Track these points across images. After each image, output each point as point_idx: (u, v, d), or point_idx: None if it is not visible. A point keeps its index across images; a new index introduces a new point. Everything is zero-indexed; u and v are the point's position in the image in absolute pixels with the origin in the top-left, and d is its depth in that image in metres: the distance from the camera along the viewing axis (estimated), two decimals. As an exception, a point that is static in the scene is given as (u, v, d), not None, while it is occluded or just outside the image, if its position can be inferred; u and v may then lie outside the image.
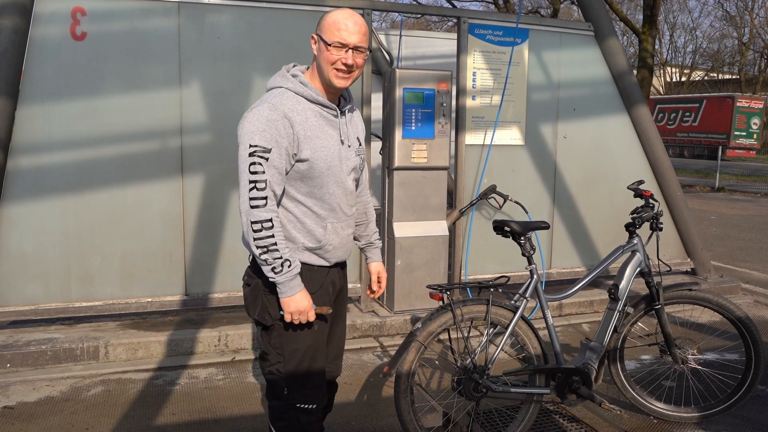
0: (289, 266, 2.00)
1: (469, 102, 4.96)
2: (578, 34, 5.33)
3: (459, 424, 3.09)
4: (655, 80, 36.81)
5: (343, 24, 2.00)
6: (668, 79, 43.58)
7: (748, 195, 15.57)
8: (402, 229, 4.62)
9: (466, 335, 2.76)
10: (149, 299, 4.31)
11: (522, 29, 5.10)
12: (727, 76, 43.33)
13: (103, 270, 4.21)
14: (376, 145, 5.17)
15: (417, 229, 4.66)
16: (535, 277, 2.90)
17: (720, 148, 17.33)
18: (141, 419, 3.24)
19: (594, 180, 5.54)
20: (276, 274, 2.00)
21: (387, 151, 4.67)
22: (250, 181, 1.94)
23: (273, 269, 1.99)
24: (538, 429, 3.16)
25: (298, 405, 2.16)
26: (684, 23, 62.27)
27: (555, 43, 5.25)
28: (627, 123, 5.55)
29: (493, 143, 5.07)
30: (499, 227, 2.89)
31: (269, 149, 1.95)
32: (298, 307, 2.03)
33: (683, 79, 43.73)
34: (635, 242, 3.14)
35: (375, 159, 4.90)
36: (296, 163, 2.03)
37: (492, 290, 2.81)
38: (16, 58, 3.90)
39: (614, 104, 5.50)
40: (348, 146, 2.15)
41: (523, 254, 2.90)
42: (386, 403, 3.48)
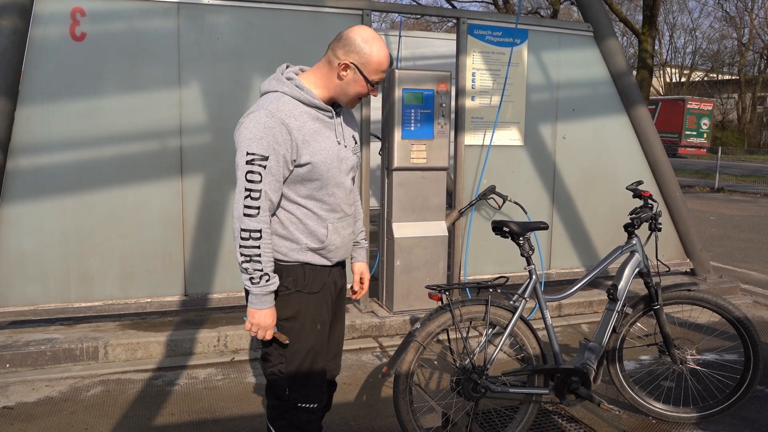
0: (267, 281, 2.00)
1: (469, 102, 4.96)
2: (577, 35, 5.34)
3: (458, 425, 3.09)
4: (655, 81, 36.80)
5: (385, 63, 2.05)
6: (668, 80, 43.60)
7: (748, 195, 15.57)
8: (401, 230, 4.62)
9: (465, 335, 2.76)
10: (148, 299, 4.32)
11: (521, 30, 5.10)
12: (727, 77, 43.36)
13: (103, 270, 4.21)
14: (376, 146, 5.18)
15: (416, 230, 4.66)
16: (534, 278, 2.91)
17: (719, 149, 17.65)
18: (140, 419, 3.24)
19: (593, 180, 5.55)
20: (252, 285, 2.00)
21: (386, 152, 4.68)
22: (246, 189, 1.95)
23: (251, 279, 1.99)
24: (537, 429, 3.16)
25: (300, 405, 2.16)
26: (684, 24, 62.37)
27: (554, 44, 5.25)
28: (626, 123, 5.56)
29: (493, 144, 5.07)
30: (498, 228, 2.90)
31: (267, 157, 1.95)
32: (261, 322, 2.04)
33: (683, 80, 43.75)
34: (634, 243, 3.15)
35: (374, 159, 4.89)
36: (296, 168, 2.03)
37: (491, 290, 2.82)
38: (16, 59, 3.90)
39: (613, 105, 5.51)
40: (345, 146, 2.16)
41: (522, 255, 2.90)
42: (385, 404, 3.48)
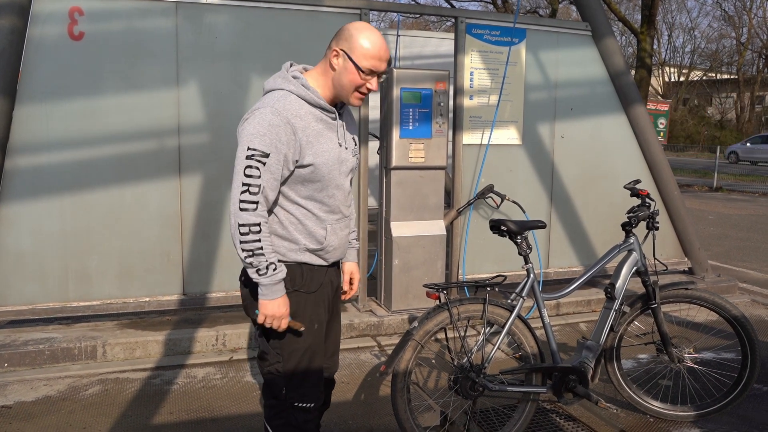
0: (275, 269, 1.99)
1: (467, 102, 4.96)
2: (575, 34, 5.34)
3: (456, 423, 3.10)
4: (654, 80, 36.84)
5: (377, 52, 1.99)
6: (667, 79, 43.63)
7: (747, 195, 15.59)
8: (399, 229, 4.62)
9: (463, 334, 2.76)
10: (147, 299, 4.32)
11: (519, 29, 5.10)
12: (726, 76, 43.41)
13: (101, 269, 4.21)
14: (374, 145, 5.18)
15: (414, 229, 4.66)
16: (532, 276, 2.91)
17: (719, 148, 17.73)
18: (138, 418, 3.25)
19: (591, 179, 5.55)
20: (261, 276, 1.98)
21: (384, 151, 4.68)
22: (244, 184, 1.93)
23: (258, 271, 1.97)
24: (535, 428, 3.17)
25: (296, 404, 2.16)
26: (682, 23, 62.46)
27: (552, 43, 5.26)
28: (624, 122, 5.56)
29: (491, 143, 5.07)
30: (496, 226, 2.90)
31: (268, 154, 1.94)
32: (275, 312, 2.02)
33: (682, 79, 43.79)
34: (631, 241, 3.15)
35: (373, 158, 4.90)
36: (297, 169, 2.02)
37: (488, 289, 2.82)
38: (14, 58, 3.90)
39: (611, 104, 5.51)
40: (345, 148, 2.16)
41: (520, 253, 2.91)
42: (383, 402, 3.49)
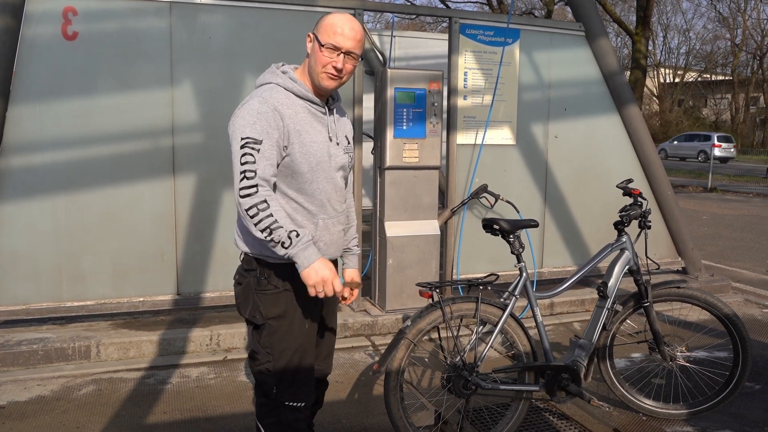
0: (297, 236, 1.94)
1: (461, 102, 4.98)
2: (569, 35, 5.36)
3: (449, 422, 3.11)
4: (649, 81, 36.93)
5: (339, 28, 2.01)
6: (661, 80, 43.77)
7: (741, 195, 15.65)
8: (393, 229, 4.63)
9: (456, 333, 2.77)
10: (141, 299, 4.32)
11: (513, 29, 5.12)
12: (720, 78, 43.58)
13: (95, 269, 4.20)
14: (368, 145, 5.18)
15: (408, 229, 4.67)
16: (524, 275, 2.92)
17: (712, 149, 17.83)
18: (132, 418, 3.24)
19: (585, 179, 5.57)
20: (287, 248, 1.93)
21: (378, 151, 4.69)
22: (241, 172, 1.94)
23: (282, 245, 1.92)
24: (528, 426, 3.18)
25: (287, 403, 2.17)
26: (677, 25, 62.66)
27: (546, 43, 5.27)
28: (618, 122, 5.58)
29: (485, 143, 5.09)
30: (489, 225, 2.91)
31: (260, 140, 1.95)
32: (320, 277, 1.96)
33: (677, 81, 43.94)
34: (624, 240, 3.17)
35: (367, 159, 4.92)
36: (286, 157, 2.04)
37: (481, 288, 2.83)
38: (7, 58, 3.89)
39: (605, 104, 5.53)
40: (336, 144, 2.16)
41: (512, 252, 2.92)
42: (377, 402, 3.49)
